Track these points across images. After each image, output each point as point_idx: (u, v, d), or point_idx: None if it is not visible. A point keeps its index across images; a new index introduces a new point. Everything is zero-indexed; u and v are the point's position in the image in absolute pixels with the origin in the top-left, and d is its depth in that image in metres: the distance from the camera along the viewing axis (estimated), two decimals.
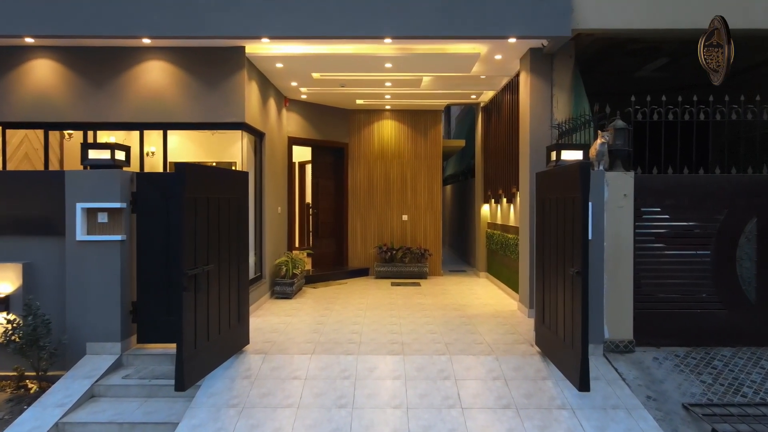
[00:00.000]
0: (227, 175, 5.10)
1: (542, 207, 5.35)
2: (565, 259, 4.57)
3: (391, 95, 9.46)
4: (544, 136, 7.00)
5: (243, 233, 5.39)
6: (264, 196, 8.06)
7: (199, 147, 10.19)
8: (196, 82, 6.86)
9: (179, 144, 10.12)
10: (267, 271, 8.18)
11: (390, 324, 6.62)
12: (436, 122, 10.91)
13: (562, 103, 7.02)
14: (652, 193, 5.46)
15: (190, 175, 4.24)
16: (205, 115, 6.89)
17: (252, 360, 5.20)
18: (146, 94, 6.85)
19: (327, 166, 10.74)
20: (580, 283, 4.09)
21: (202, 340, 4.53)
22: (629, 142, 5.44)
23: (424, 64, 7.36)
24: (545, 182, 5.27)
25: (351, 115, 10.84)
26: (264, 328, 6.43)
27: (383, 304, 7.86)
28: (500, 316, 7.12)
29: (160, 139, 7.07)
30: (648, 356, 5.25)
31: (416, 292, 8.96)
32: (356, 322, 6.71)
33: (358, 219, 10.85)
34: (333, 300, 8.22)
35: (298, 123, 9.84)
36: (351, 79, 8.29)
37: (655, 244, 5.50)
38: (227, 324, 5.02)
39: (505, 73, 8.11)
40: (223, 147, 9.66)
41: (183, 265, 4.12)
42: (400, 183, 10.86)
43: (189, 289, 4.20)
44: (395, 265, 10.39)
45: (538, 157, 6.97)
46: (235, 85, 6.88)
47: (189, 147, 10.13)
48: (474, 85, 9.01)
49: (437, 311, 7.38)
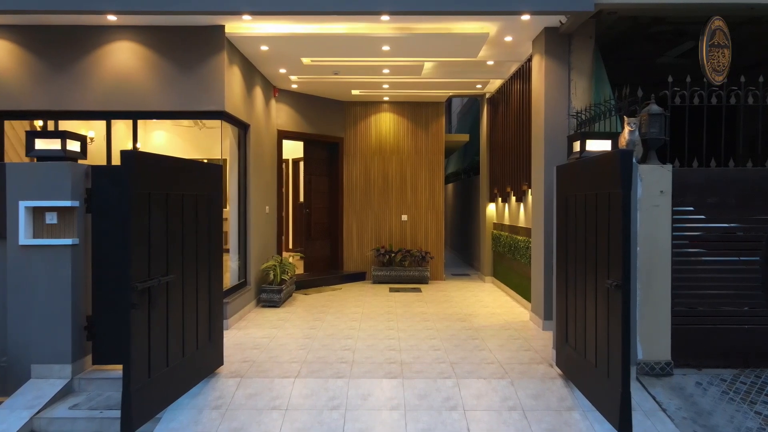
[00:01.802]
0: (195, 167, 4.33)
1: (565, 206, 4.59)
2: (597, 267, 3.81)
3: (389, 85, 8.69)
4: (560, 127, 6.24)
5: (216, 236, 4.62)
6: (249, 194, 7.30)
7: (187, 143, 9.42)
8: (171, 66, 6.09)
9: (166, 140, 9.35)
10: (252, 276, 7.41)
11: (387, 338, 5.86)
12: (438, 115, 10.14)
13: (581, 90, 6.26)
14: (691, 190, 4.69)
15: (141, 165, 3.48)
16: (180, 103, 6.12)
17: (225, 385, 4.43)
18: (114, 79, 6.09)
19: (320, 162, 9.98)
20: (619, 299, 3.33)
21: (160, 367, 3.76)
22: (665, 129, 4.68)
23: (426, 46, 6.60)
24: (569, 177, 4.51)
25: (346, 107, 10.07)
26: (245, 343, 5.67)
27: (380, 314, 7.10)
28: (511, 328, 6.36)
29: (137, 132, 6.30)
30: (689, 381, 4.49)
31: (417, 299, 8.20)
32: (349, 336, 5.94)
33: (354, 219, 10.08)
34: (325, 309, 7.45)
35: (288, 115, 9.08)
36: (345, 66, 7.52)
37: (692, 249, 4.73)
38: (194, 344, 4.25)
39: (515, 58, 7.35)
40: (213, 143, 8.86)
41: (131, 276, 3.35)
42: (399, 180, 10.10)
43: (140, 306, 3.44)
44: (394, 269, 9.63)
45: (553, 150, 6.21)
46: (214, 69, 6.12)
47: (176, 142, 9.35)
48: (480, 73, 8.25)
49: (440, 322, 6.62)
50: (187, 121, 9.00)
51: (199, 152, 9.38)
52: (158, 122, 9.22)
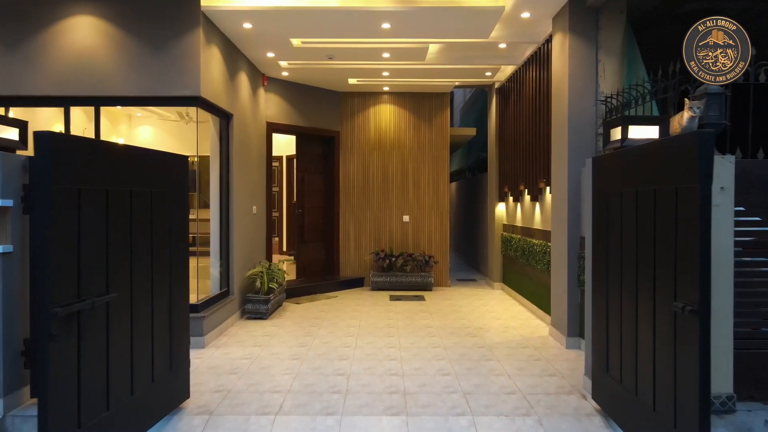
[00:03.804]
0: (149, 157, 3.51)
1: (605, 205, 3.77)
2: (656, 284, 3.00)
3: (390, 72, 7.88)
4: (586, 114, 5.43)
5: (179, 243, 3.81)
6: (232, 193, 6.48)
7: (174, 138, 8.57)
8: (138, 45, 5.28)
9: (153, 135, 8.48)
10: (236, 285, 6.60)
11: (388, 359, 5.05)
12: (442, 106, 9.32)
13: (610, 72, 5.45)
14: (756, 186, 3.88)
15: (64, 152, 2.67)
16: (149, 88, 5.31)
17: (189, 426, 3.62)
18: (72, 59, 5.27)
19: (314, 158, 9.16)
20: (695, 327, 2.52)
21: (95, 412, 2.94)
22: (725, 113, 3.87)
23: (432, 24, 5.78)
24: (610, 170, 3.69)
25: (343, 98, 9.25)
26: (221, 366, 4.85)
27: (380, 327, 6.29)
28: (529, 345, 5.55)
29: (99, 120, 5.48)
30: (757, 419, 3.67)
31: (420, 308, 7.38)
32: (344, 356, 5.13)
33: (351, 220, 9.27)
34: (318, 321, 6.64)
35: (279, 106, 8.26)
36: (340, 49, 6.71)
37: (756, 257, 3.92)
38: (148, 377, 3.44)
39: (532, 39, 6.53)
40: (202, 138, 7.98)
41: (47, 299, 2.54)
42: (400, 178, 9.28)
43: (63, 336, 2.63)
44: (395, 275, 8.82)
45: (579, 140, 5.40)
46: (188, 48, 5.30)
47: (164, 138, 8.47)
48: (491, 58, 7.43)
49: (448, 338, 5.81)
50: (174, 115, 8.16)
51: (189, 149, 8.51)
52: (143, 117, 8.38)
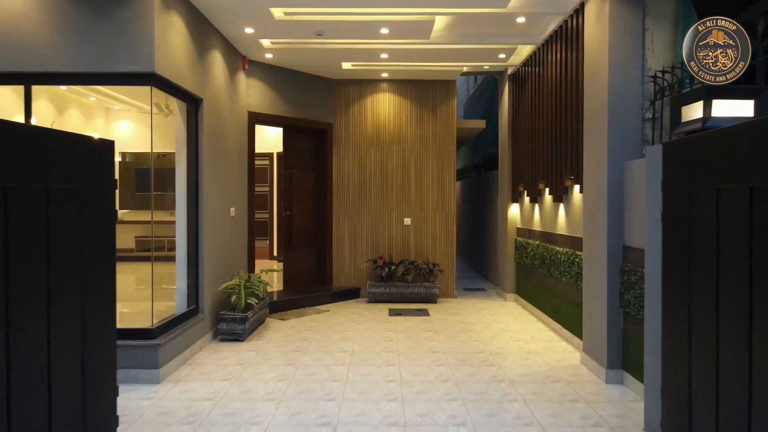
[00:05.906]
0: (47, 138, 2.48)
1: (687, 206, 2.75)
2: None
3: (389, 54, 6.86)
4: (631, 95, 4.41)
5: (98, 255, 2.78)
6: (202, 192, 5.46)
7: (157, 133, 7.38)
8: (75, 9, 4.26)
9: (133, 130, 7.36)
10: (207, 301, 5.57)
11: (387, 398, 4.02)
12: (448, 96, 8.31)
13: (660, 43, 4.43)
14: None
15: None
16: (90, 62, 4.29)
17: None
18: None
19: (304, 153, 8.13)
20: None
21: None
22: None
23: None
24: (702, 157, 2.67)
25: (336, 85, 8.23)
26: (174, 411, 3.82)
27: (377, 352, 5.27)
28: (560, 379, 4.52)
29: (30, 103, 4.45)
30: None
31: (424, 326, 6.35)
32: (332, 395, 4.10)
33: (346, 223, 8.25)
34: (304, 344, 5.61)
35: (263, 94, 7.24)
36: (331, 22, 5.69)
37: None
38: None
39: (557, 9, 5.51)
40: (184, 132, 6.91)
41: None
42: (401, 176, 8.26)
43: None
44: (395, 285, 7.79)
45: (623, 127, 4.39)
46: (139, 11, 4.29)
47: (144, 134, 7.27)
48: (506, 36, 6.41)
49: (459, 367, 4.78)
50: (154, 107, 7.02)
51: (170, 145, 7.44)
52: (123, 110, 7.28)
